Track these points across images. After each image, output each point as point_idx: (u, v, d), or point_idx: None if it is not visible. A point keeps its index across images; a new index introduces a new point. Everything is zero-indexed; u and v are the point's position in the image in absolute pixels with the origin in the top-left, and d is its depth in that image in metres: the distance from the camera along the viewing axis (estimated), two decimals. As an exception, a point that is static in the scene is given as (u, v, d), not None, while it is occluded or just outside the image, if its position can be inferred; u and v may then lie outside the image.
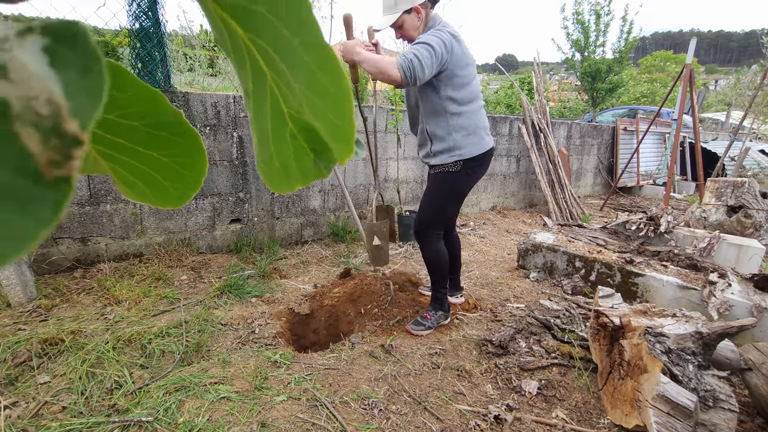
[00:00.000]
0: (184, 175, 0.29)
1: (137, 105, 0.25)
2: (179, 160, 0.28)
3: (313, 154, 0.26)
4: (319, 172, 0.27)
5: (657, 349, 1.54)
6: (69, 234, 2.45)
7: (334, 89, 0.22)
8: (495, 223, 4.64)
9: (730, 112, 15.86)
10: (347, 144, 0.25)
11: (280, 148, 0.26)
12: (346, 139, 0.25)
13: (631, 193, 7.45)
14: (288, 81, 0.23)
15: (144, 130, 0.26)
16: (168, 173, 0.29)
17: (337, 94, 0.23)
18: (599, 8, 9.72)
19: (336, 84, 0.22)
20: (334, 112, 0.24)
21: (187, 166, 0.29)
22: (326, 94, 0.23)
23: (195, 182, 0.30)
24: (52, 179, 0.14)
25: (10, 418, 1.34)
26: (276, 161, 0.27)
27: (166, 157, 0.28)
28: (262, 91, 0.24)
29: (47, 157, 0.14)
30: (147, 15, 2.57)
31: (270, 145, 0.26)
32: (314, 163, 0.27)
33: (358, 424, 1.44)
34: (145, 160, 0.27)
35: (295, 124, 0.25)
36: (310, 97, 0.23)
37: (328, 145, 0.25)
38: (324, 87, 0.22)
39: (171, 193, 0.30)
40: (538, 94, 5.52)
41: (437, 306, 2.12)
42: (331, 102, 0.23)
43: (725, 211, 3.71)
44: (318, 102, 0.23)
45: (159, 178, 0.29)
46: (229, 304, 2.25)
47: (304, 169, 0.27)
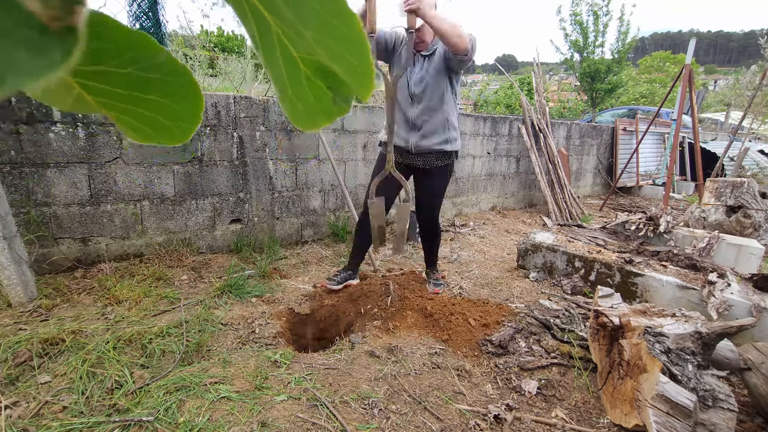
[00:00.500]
0: (183, 112, 0.30)
1: (127, 52, 0.25)
2: (176, 98, 0.29)
3: (330, 92, 0.27)
4: (340, 109, 0.28)
5: (656, 348, 1.54)
6: (69, 234, 2.46)
7: (347, 30, 0.23)
8: (495, 223, 4.64)
9: (729, 112, 15.87)
10: (368, 80, 0.25)
11: (297, 90, 0.27)
12: (365, 76, 0.25)
13: (631, 193, 7.46)
14: (296, 27, 0.23)
15: (139, 75, 0.27)
16: (168, 112, 0.29)
17: (350, 34, 0.23)
18: (597, 9, 9.73)
19: (347, 24, 0.23)
20: (350, 52, 0.24)
21: (184, 102, 0.29)
22: (339, 36, 0.23)
23: (195, 116, 0.31)
24: (58, 29, 0.15)
25: (10, 417, 1.35)
26: (297, 103, 0.28)
27: (163, 98, 0.28)
28: (269, 39, 0.24)
29: (50, 14, 0.15)
30: (147, 15, 2.58)
31: (288, 89, 0.27)
32: (333, 101, 0.27)
33: (358, 424, 1.44)
34: (144, 103, 0.28)
35: (308, 66, 0.26)
36: (322, 40, 0.23)
37: (344, 82, 0.26)
38: (336, 28, 0.23)
39: (174, 131, 0.31)
40: (538, 95, 5.53)
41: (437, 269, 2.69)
42: (345, 43, 0.23)
43: (724, 211, 3.72)
44: (332, 44, 0.23)
45: (160, 119, 0.30)
46: (229, 304, 2.25)
47: (324, 108, 0.28)
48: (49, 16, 0.15)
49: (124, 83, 0.26)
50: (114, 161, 2.52)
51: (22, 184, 2.28)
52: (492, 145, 5.01)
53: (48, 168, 2.34)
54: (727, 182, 3.82)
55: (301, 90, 0.27)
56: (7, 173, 2.24)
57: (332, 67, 0.25)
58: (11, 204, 2.19)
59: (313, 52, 0.24)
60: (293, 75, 0.26)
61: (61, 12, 0.15)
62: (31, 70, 0.15)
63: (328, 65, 0.25)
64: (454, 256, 3.36)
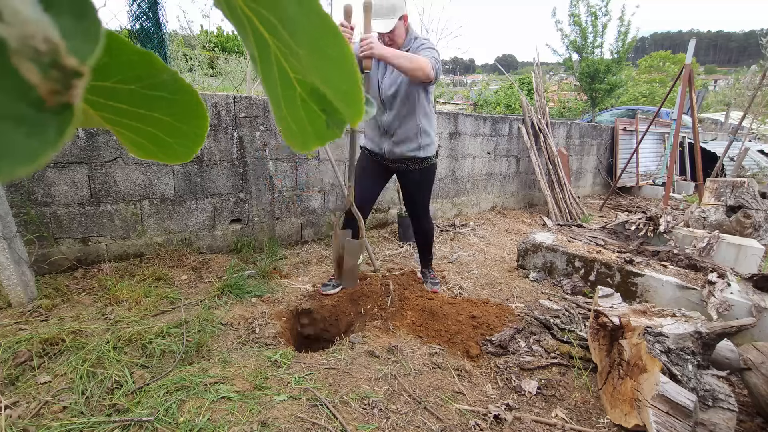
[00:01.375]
0: (186, 131, 0.30)
1: (133, 69, 0.26)
2: (180, 117, 0.29)
3: (324, 115, 0.27)
4: (333, 133, 0.28)
5: (656, 348, 1.54)
6: (69, 234, 2.46)
7: (336, 53, 0.23)
8: (495, 223, 4.64)
9: (729, 112, 15.87)
10: (357, 107, 0.25)
11: (291, 110, 0.27)
12: (354, 102, 0.25)
13: (631, 193, 7.46)
14: (291, 47, 0.23)
15: (143, 93, 0.27)
16: (171, 131, 0.29)
17: (339, 58, 0.23)
18: (596, 9, 9.72)
19: (337, 49, 0.23)
20: (339, 76, 0.24)
21: (188, 122, 0.30)
22: (328, 59, 0.23)
23: (198, 137, 0.31)
24: (55, 106, 0.15)
25: (10, 417, 1.35)
26: (291, 123, 0.28)
27: (167, 116, 0.29)
28: (267, 57, 0.24)
29: (48, 87, 0.15)
30: (147, 16, 2.58)
31: (282, 108, 0.27)
32: (326, 125, 0.27)
33: (358, 424, 1.44)
34: (148, 121, 0.28)
35: (303, 88, 0.26)
36: (315, 62, 0.23)
37: (337, 108, 0.26)
38: (325, 52, 0.23)
39: (177, 149, 0.31)
40: (538, 95, 5.53)
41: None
42: (334, 67, 0.23)
43: (724, 211, 3.72)
44: (322, 66, 0.24)
45: (163, 137, 0.30)
46: (229, 304, 2.25)
47: (317, 131, 0.28)
48: (48, 89, 0.15)
49: (127, 99, 0.26)
50: (114, 161, 2.52)
51: (21, 184, 2.28)
52: (492, 145, 5.01)
53: (48, 168, 2.34)
54: (727, 182, 3.82)
55: (295, 110, 0.27)
56: (7, 173, 2.24)
57: (324, 91, 0.25)
58: (11, 204, 2.19)
59: (307, 75, 0.24)
60: (288, 95, 0.26)
61: (61, 86, 0.15)
62: (25, 155, 0.15)
63: (321, 88, 0.25)
64: (454, 256, 3.36)
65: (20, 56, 0.14)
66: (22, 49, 0.14)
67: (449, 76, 31.91)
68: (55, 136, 0.15)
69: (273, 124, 3.11)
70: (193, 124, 0.30)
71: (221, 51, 9.74)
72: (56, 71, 0.15)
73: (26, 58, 0.14)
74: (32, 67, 0.14)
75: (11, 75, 0.14)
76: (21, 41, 0.14)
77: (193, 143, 0.31)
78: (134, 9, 2.55)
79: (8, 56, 0.14)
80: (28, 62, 0.14)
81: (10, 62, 0.14)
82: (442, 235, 3.96)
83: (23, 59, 0.14)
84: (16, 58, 0.14)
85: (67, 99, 0.15)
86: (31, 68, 0.14)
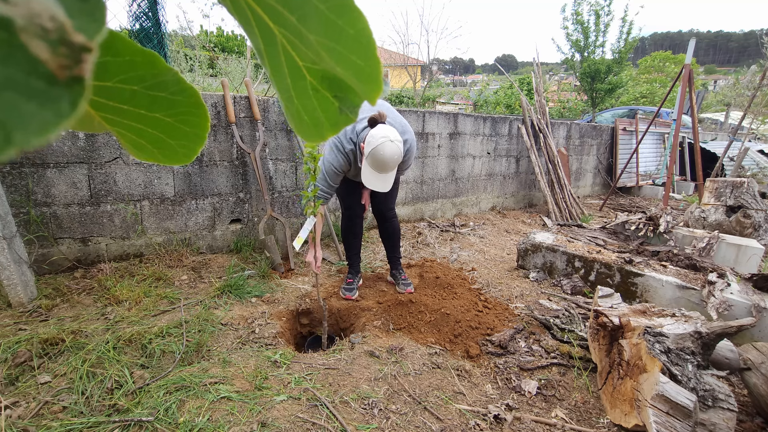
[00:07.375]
0: (187, 133, 0.30)
1: (135, 69, 0.25)
2: (182, 118, 0.29)
3: (337, 102, 0.26)
4: (347, 118, 0.27)
5: (656, 348, 1.54)
6: (69, 234, 2.46)
7: (353, 30, 0.22)
8: (495, 223, 4.64)
9: (729, 112, 15.87)
10: (375, 83, 0.25)
11: (303, 101, 0.26)
12: (372, 78, 0.24)
13: (631, 193, 7.46)
14: (300, 33, 0.23)
15: (144, 93, 0.26)
16: (172, 132, 0.29)
17: (356, 35, 0.22)
18: (599, 8, 9.72)
19: (354, 25, 0.22)
20: (357, 53, 0.23)
21: (189, 123, 0.29)
22: (346, 37, 0.22)
23: (199, 138, 0.30)
24: (66, 79, 0.16)
25: (10, 417, 1.35)
26: (304, 115, 0.27)
27: (169, 117, 0.28)
28: (273, 49, 0.24)
29: (58, 63, 0.15)
30: (147, 16, 2.58)
31: (294, 100, 0.26)
32: (339, 110, 0.27)
33: (358, 424, 1.44)
34: (149, 121, 0.28)
35: (314, 76, 0.25)
36: (328, 44, 0.23)
37: (351, 88, 0.25)
38: (342, 30, 0.22)
39: (178, 150, 0.31)
40: (538, 95, 5.52)
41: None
42: (352, 44, 0.23)
43: (724, 211, 3.72)
44: (337, 47, 0.23)
45: (164, 138, 0.29)
46: (229, 304, 2.25)
47: (331, 118, 0.27)
48: (58, 64, 0.15)
49: (129, 100, 0.26)
50: (114, 161, 2.52)
51: (21, 184, 2.28)
52: (492, 145, 5.01)
53: (48, 168, 2.34)
54: (727, 182, 3.82)
55: (307, 101, 0.26)
56: (7, 173, 2.24)
57: (338, 74, 0.24)
58: (11, 204, 2.19)
59: (318, 59, 0.24)
60: (299, 86, 0.26)
61: (70, 60, 0.15)
62: (38, 125, 0.15)
63: (334, 72, 0.25)
64: (454, 256, 3.36)
65: (28, 34, 0.14)
66: (29, 27, 0.14)
67: (449, 76, 31.89)
68: (68, 108, 0.16)
69: (273, 124, 3.11)
70: (194, 125, 0.29)
71: (221, 51, 9.74)
72: (65, 48, 0.15)
73: (34, 35, 0.15)
74: (41, 43, 0.15)
75: (20, 50, 0.15)
76: (27, 19, 0.14)
77: (194, 144, 0.30)
78: (134, 9, 2.55)
79: (16, 34, 0.14)
80: (36, 39, 0.15)
81: (19, 39, 0.14)
82: (442, 235, 3.96)
83: (31, 36, 0.15)
84: (24, 36, 0.14)
85: (78, 72, 0.16)
86: (40, 45, 0.15)
